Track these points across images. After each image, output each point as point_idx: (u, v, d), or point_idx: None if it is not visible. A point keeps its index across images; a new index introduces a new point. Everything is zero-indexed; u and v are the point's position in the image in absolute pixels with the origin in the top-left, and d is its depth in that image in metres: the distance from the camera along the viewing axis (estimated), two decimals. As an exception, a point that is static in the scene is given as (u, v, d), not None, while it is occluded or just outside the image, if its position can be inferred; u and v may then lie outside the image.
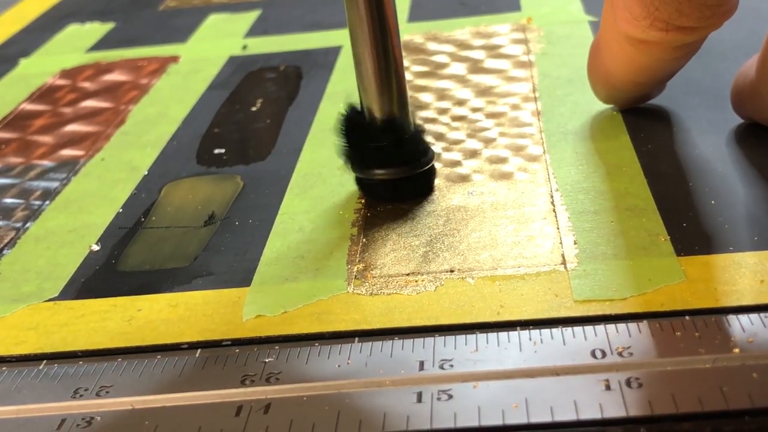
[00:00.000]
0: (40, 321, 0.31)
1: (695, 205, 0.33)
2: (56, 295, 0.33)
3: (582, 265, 0.30)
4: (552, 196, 0.34)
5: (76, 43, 0.60)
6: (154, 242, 0.35)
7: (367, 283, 0.31)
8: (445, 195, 0.36)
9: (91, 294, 0.33)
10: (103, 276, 0.34)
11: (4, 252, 0.36)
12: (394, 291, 0.30)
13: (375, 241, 0.33)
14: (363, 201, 0.36)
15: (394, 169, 0.35)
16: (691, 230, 0.31)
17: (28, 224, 0.38)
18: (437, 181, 0.36)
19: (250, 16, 0.60)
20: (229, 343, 0.29)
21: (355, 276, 0.31)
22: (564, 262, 0.30)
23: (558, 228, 0.32)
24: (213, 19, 0.61)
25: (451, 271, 0.31)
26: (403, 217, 0.34)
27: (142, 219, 0.37)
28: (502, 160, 0.37)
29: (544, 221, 0.33)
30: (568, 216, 0.33)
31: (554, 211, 0.33)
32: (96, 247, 0.36)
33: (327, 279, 0.31)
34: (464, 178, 0.37)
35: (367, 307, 0.30)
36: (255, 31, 0.58)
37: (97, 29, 0.62)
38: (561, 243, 0.32)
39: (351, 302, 0.30)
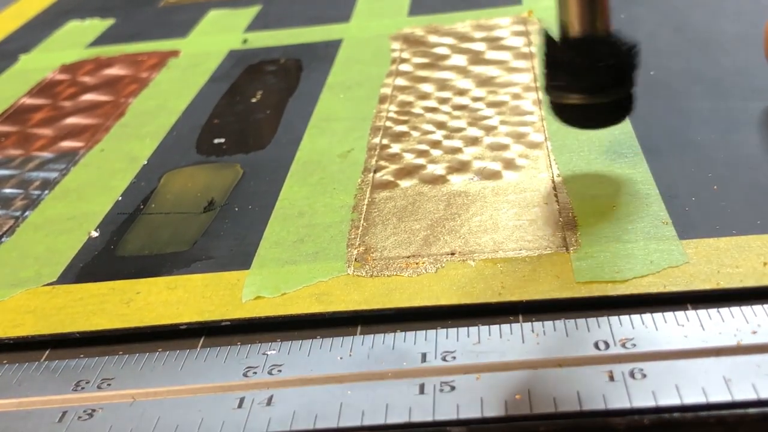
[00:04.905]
0: (39, 304, 0.31)
1: (698, 190, 0.33)
2: (55, 279, 0.33)
3: (584, 247, 0.30)
4: (553, 182, 0.34)
5: (76, 39, 0.60)
6: (153, 228, 0.35)
7: (367, 266, 0.31)
8: (446, 181, 0.35)
9: (89, 278, 0.32)
10: (102, 261, 0.34)
11: (3, 240, 0.36)
12: (395, 273, 0.30)
13: (375, 225, 0.33)
14: (364, 187, 0.36)
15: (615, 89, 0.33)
16: (693, 214, 0.31)
17: (27, 213, 0.38)
18: (439, 169, 0.36)
19: (251, 12, 0.60)
20: (228, 323, 0.29)
21: (355, 258, 0.31)
22: (566, 245, 0.30)
23: (560, 212, 0.32)
24: (213, 15, 0.61)
25: (452, 253, 0.31)
26: (403, 202, 0.34)
27: (142, 206, 0.37)
28: (504, 147, 0.37)
29: (546, 205, 0.33)
30: (569, 200, 0.33)
31: (556, 195, 0.33)
32: (95, 234, 0.35)
33: (327, 261, 0.31)
34: (465, 165, 0.36)
35: (367, 289, 0.29)
36: (255, 25, 0.58)
37: (96, 25, 0.62)
38: (563, 226, 0.31)
39: (351, 284, 0.30)
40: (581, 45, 0.32)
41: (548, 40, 0.33)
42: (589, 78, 0.32)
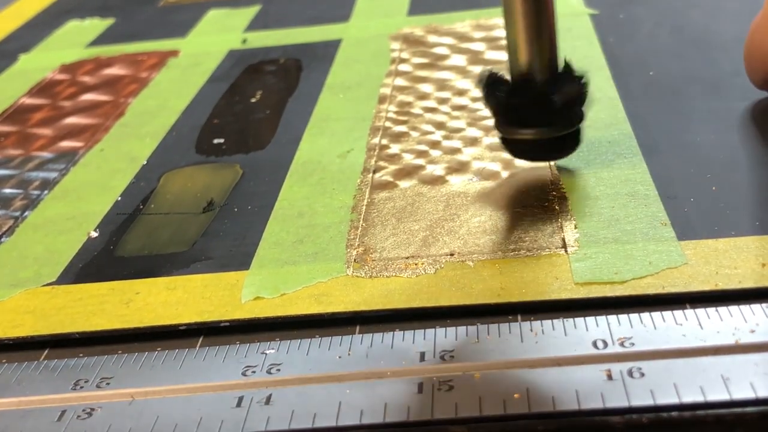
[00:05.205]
0: (38, 305, 0.31)
1: (696, 190, 0.33)
2: (54, 280, 0.33)
3: (583, 248, 0.30)
4: (552, 182, 0.34)
5: (75, 39, 0.60)
6: (152, 228, 0.35)
7: (366, 266, 0.31)
8: (445, 181, 0.35)
9: (89, 279, 0.32)
10: (101, 261, 0.34)
11: (2, 240, 0.36)
12: (394, 274, 0.30)
13: (374, 226, 0.33)
14: (363, 188, 0.36)
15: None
16: (692, 215, 0.31)
17: (26, 213, 0.38)
18: (438, 170, 0.36)
19: (250, 12, 0.60)
20: (228, 324, 0.29)
21: (355, 259, 0.31)
22: (564, 246, 0.30)
23: (558, 213, 0.32)
24: (213, 15, 0.61)
25: (451, 254, 0.31)
26: (402, 202, 0.34)
27: (141, 206, 0.37)
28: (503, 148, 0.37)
29: (545, 206, 0.33)
30: (568, 201, 0.33)
31: (555, 196, 0.33)
32: (94, 234, 0.36)
33: (326, 262, 0.31)
34: (464, 165, 0.36)
35: (366, 289, 0.29)
36: (255, 25, 0.58)
37: (96, 25, 0.62)
38: (561, 227, 0.31)
39: (350, 284, 0.30)
40: (530, 83, 0.33)
41: (496, 77, 0.33)
42: (540, 114, 0.33)
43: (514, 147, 0.34)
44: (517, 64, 0.33)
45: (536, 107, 0.32)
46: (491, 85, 0.33)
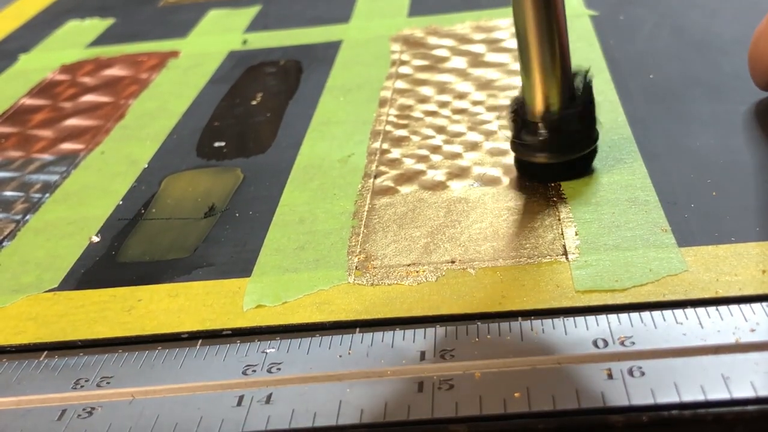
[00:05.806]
0: (40, 311, 0.31)
1: (697, 196, 0.33)
2: (56, 285, 0.33)
3: (583, 255, 0.30)
4: (553, 188, 0.34)
5: (75, 39, 0.60)
6: (154, 234, 0.35)
7: (367, 274, 0.31)
8: (446, 187, 0.35)
9: (91, 285, 0.33)
10: (103, 267, 0.34)
11: (4, 244, 0.36)
12: (395, 281, 0.30)
13: (376, 233, 0.33)
14: (364, 193, 0.36)
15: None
16: (692, 221, 0.31)
17: (27, 217, 0.38)
18: (439, 175, 0.36)
19: (250, 12, 0.60)
20: (230, 332, 0.29)
21: (356, 266, 0.31)
22: (565, 253, 0.30)
23: (559, 219, 0.32)
24: (213, 15, 0.61)
25: (452, 261, 0.31)
26: (403, 208, 0.34)
27: (142, 211, 0.37)
28: (503, 152, 0.37)
29: (545, 213, 0.33)
30: (569, 207, 0.33)
31: (555, 202, 0.33)
32: (96, 239, 0.36)
33: (327, 269, 0.31)
34: (465, 171, 0.36)
35: (367, 297, 0.30)
36: (255, 26, 0.58)
37: (96, 25, 0.62)
38: (562, 234, 0.31)
39: (351, 292, 0.30)
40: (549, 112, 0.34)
41: (516, 100, 0.34)
42: (556, 140, 0.34)
43: (528, 170, 0.35)
44: (532, 101, 0.34)
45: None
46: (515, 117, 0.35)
